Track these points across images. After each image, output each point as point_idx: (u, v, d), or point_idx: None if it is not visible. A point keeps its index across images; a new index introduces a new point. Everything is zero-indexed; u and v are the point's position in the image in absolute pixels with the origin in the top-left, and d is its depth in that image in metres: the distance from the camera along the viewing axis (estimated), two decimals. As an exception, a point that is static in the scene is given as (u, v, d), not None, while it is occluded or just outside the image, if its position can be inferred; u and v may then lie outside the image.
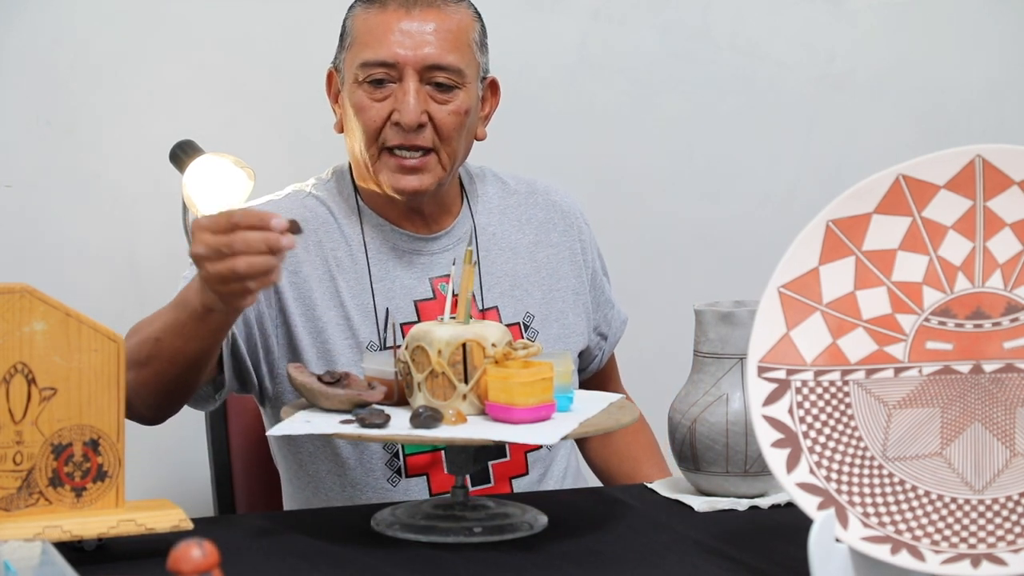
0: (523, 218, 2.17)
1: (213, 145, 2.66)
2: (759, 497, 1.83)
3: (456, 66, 2.00)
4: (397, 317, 2.03)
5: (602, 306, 2.24)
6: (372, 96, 2.00)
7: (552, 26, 2.97)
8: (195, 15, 2.79)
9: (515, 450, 2.08)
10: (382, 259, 2.06)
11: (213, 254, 1.68)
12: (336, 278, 2.04)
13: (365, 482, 2.03)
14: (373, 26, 2.01)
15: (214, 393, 2.01)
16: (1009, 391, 1.52)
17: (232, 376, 1.99)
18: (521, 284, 2.12)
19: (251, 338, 2.00)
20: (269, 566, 1.61)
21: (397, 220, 2.08)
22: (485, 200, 2.16)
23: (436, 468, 2.03)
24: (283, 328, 2.02)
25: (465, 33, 2.03)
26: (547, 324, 2.12)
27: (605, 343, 2.26)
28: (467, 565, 1.61)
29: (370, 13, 2.02)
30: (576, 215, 2.22)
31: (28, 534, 1.52)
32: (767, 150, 3.11)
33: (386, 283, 2.05)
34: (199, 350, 1.83)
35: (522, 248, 2.15)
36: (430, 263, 2.08)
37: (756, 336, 1.55)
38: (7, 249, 2.71)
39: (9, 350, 1.54)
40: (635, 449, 2.25)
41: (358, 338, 2.02)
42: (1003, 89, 3.21)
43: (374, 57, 1.99)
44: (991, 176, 1.54)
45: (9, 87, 2.71)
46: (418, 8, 2.00)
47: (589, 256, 2.22)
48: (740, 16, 3.07)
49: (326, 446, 2.04)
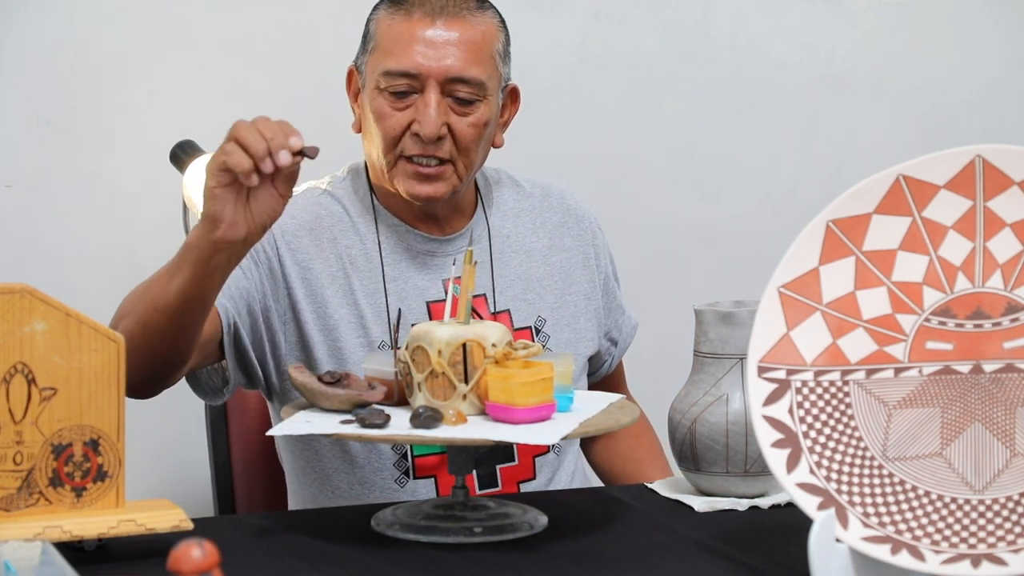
0: (537, 221, 2.17)
1: (213, 145, 2.62)
2: (759, 497, 1.83)
3: (478, 79, 2.00)
4: (410, 317, 2.03)
5: (613, 311, 2.24)
6: (393, 105, 2.00)
7: (552, 26, 2.97)
8: (195, 15, 2.79)
9: (523, 455, 2.08)
10: (396, 259, 2.06)
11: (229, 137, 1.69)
12: (350, 276, 2.04)
13: (373, 481, 2.03)
14: (397, 34, 2.00)
15: (222, 386, 2.01)
16: (1009, 391, 1.52)
17: (236, 368, 1.99)
18: (534, 287, 2.13)
19: (256, 331, 1.99)
20: (269, 566, 1.61)
21: (412, 221, 2.08)
22: (500, 203, 2.16)
23: (444, 470, 2.03)
24: (293, 325, 2.02)
25: (489, 44, 2.03)
26: (558, 328, 2.12)
27: (615, 348, 2.26)
28: (467, 565, 1.61)
29: (395, 19, 2.01)
30: (590, 220, 2.23)
31: (28, 534, 1.52)
32: (767, 150, 3.11)
33: (399, 283, 2.05)
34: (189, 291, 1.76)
35: (536, 251, 2.15)
36: (444, 264, 2.08)
37: (756, 336, 1.55)
38: (7, 249, 2.71)
39: (9, 350, 1.54)
40: (639, 451, 2.25)
41: (370, 337, 2.02)
42: (1003, 89, 3.22)
43: (397, 67, 1.99)
44: (991, 176, 1.54)
45: (9, 87, 2.71)
46: (443, 17, 1.99)
47: (602, 261, 2.22)
48: (740, 16, 3.07)
49: (335, 443, 2.04)
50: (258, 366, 2.01)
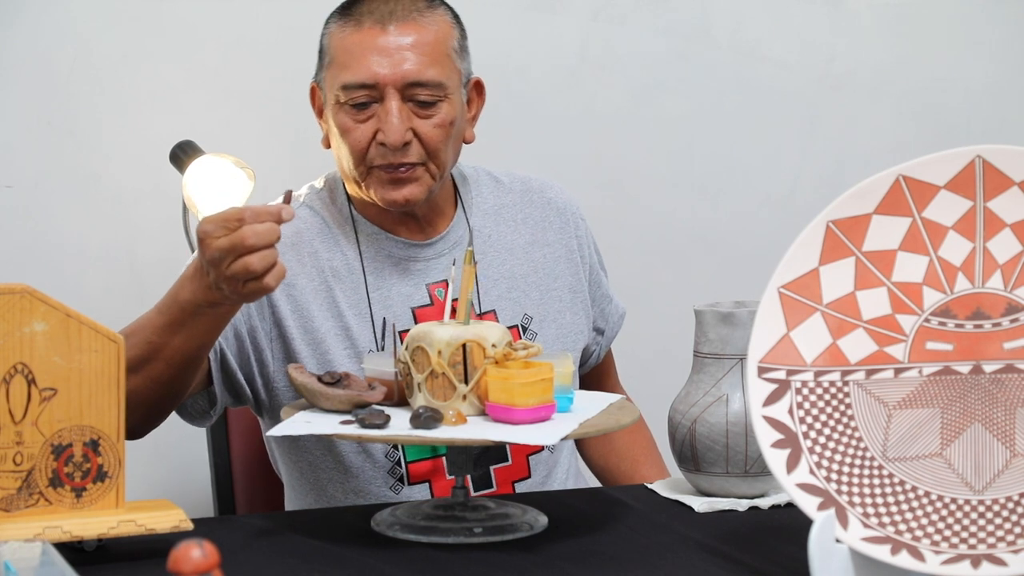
0: (518, 218, 2.17)
1: (213, 145, 2.66)
2: (759, 497, 1.83)
3: (436, 80, 1.98)
4: (395, 325, 2.03)
5: (599, 301, 2.23)
6: (355, 118, 1.99)
7: (552, 26, 2.97)
8: (195, 16, 2.79)
9: (517, 454, 2.07)
10: (378, 268, 2.06)
11: (227, 255, 1.69)
12: (333, 288, 2.03)
13: (368, 490, 2.03)
14: (350, 45, 1.99)
15: (209, 408, 2.01)
16: (1009, 391, 1.52)
17: (223, 390, 2.00)
18: (519, 285, 2.12)
19: (243, 352, 2.00)
20: (269, 566, 1.61)
21: (391, 227, 2.08)
22: (480, 202, 2.15)
23: (438, 475, 2.03)
24: (279, 341, 2.01)
25: (443, 43, 2.01)
26: (544, 325, 2.12)
27: (602, 338, 2.25)
28: (467, 565, 1.61)
29: (346, 31, 2.00)
30: (572, 211, 2.21)
31: (28, 534, 1.52)
32: (767, 150, 3.11)
33: (383, 291, 2.05)
34: (199, 346, 1.84)
35: (518, 248, 2.14)
36: (426, 269, 2.07)
37: (756, 336, 1.55)
38: (7, 249, 2.71)
39: (9, 350, 1.54)
40: (634, 449, 2.25)
41: (357, 348, 2.02)
42: (1003, 89, 3.22)
43: (354, 79, 1.98)
44: (991, 177, 1.54)
45: (10, 87, 2.71)
46: (393, 23, 1.98)
47: (586, 252, 2.21)
48: (740, 16, 3.07)
49: (329, 454, 2.04)
50: (246, 386, 2.01)
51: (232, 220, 1.70)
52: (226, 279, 1.71)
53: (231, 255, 1.70)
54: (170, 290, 1.83)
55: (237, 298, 1.75)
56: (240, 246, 1.69)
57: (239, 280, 1.71)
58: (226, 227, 1.70)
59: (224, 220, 1.71)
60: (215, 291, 1.74)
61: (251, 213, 1.70)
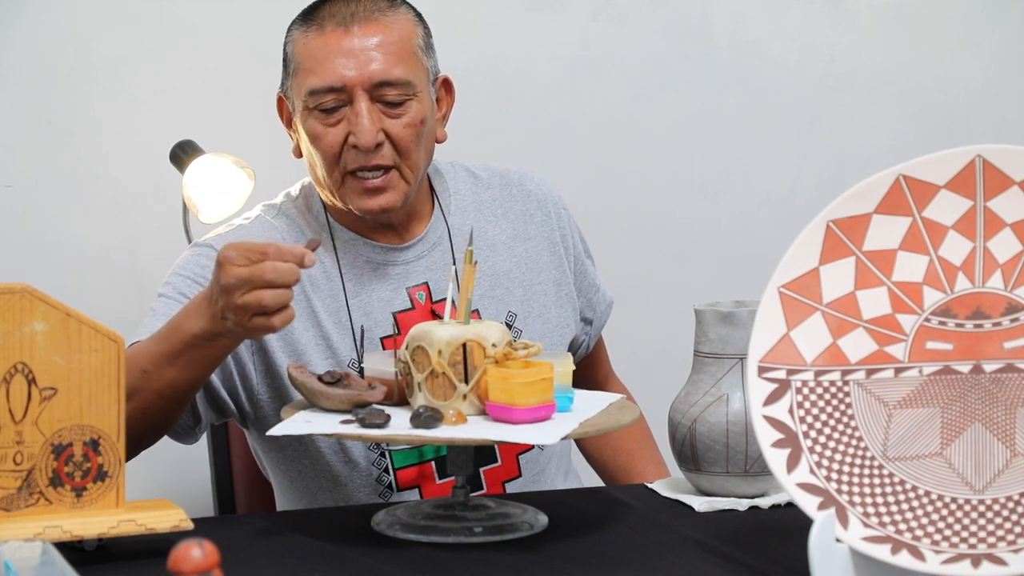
0: (499, 212, 2.15)
1: (213, 145, 2.66)
2: (759, 497, 1.83)
3: (404, 79, 1.97)
4: (377, 331, 2.01)
5: (586, 291, 2.21)
6: (325, 122, 1.97)
7: (552, 26, 2.97)
8: (195, 15, 2.79)
9: (506, 454, 2.06)
10: (356, 274, 2.04)
11: (243, 284, 1.68)
12: (311, 298, 2.02)
13: (358, 499, 2.01)
14: (314, 50, 1.97)
15: (194, 426, 2.00)
16: (1009, 391, 1.52)
17: (208, 408, 1.99)
18: (501, 283, 2.10)
19: (225, 368, 1.98)
20: (269, 566, 1.61)
21: (368, 233, 2.06)
22: (458, 198, 2.13)
23: (427, 481, 2.01)
24: (260, 355, 2.00)
25: (408, 41, 1.99)
26: (530, 321, 2.10)
27: (591, 328, 2.23)
28: (467, 565, 1.61)
29: (309, 36, 1.98)
30: (553, 201, 2.19)
31: (28, 534, 1.52)
32: (767, 150, 3.11)
33: (362, 298, 2.03)
34: (193, 379, 1.82)
35: (500, 244, 2.12)
36: (405, 273, 2.06)
37: (756, 336, 1.55)
38: (7, 249, 2.72)
39: (9, 350, 1.54)
40: (630, 443, 2.25)
41: (338, 356, 2.00)
42: (1003, 89, 3.22)
43: (320, 84, 1.96)
44: (991, 176, 1.54)
45: (10, 87, 2.71)
46: (356, 24, 1.97)
47: (569, 242, 2.19)
48: (740, 16, 3.07)
49: (317, 463, 2.03)
50: (230, 401, 2.00)
51: (256, 252, 1.69)
52: (234, 308, 1.70)
53: (247, 285, 1.69)
54: (170, 320, 1.81)
55: (240, 331, 1.73)
56: (258, 278, 1.68)
57: (248, 312, 1.69)
58: (249, 257, 1.69)
59: (248, 250, 1.69)
60: (219, 321, 1.73)
61: (275, 250, 1.69)
